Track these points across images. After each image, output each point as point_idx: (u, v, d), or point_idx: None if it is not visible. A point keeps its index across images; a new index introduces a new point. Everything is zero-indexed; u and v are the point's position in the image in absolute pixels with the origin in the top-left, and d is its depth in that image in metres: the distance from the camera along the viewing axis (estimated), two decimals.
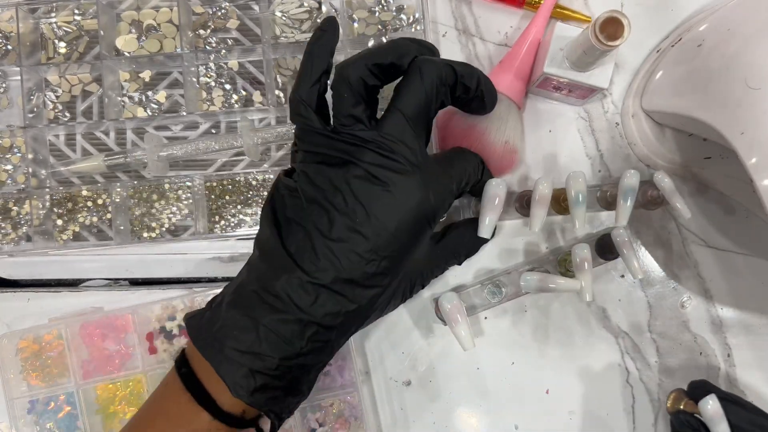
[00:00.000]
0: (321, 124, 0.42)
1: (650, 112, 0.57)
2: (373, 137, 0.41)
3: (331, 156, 0.42)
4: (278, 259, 0.41)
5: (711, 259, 0.60)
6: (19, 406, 0.57)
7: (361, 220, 0.40)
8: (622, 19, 0.48)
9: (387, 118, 0.42)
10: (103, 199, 0.60)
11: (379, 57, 0.42)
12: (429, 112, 0.43)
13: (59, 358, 0.58)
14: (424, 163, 0.43)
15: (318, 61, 0.43)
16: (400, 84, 0.44)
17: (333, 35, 0.44)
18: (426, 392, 0.60)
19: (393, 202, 0.41)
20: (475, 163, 0.49)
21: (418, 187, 0.41)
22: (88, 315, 0.58)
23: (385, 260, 0.41)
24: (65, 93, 0.61)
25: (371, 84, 0.42)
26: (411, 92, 0.42)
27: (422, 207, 0.42)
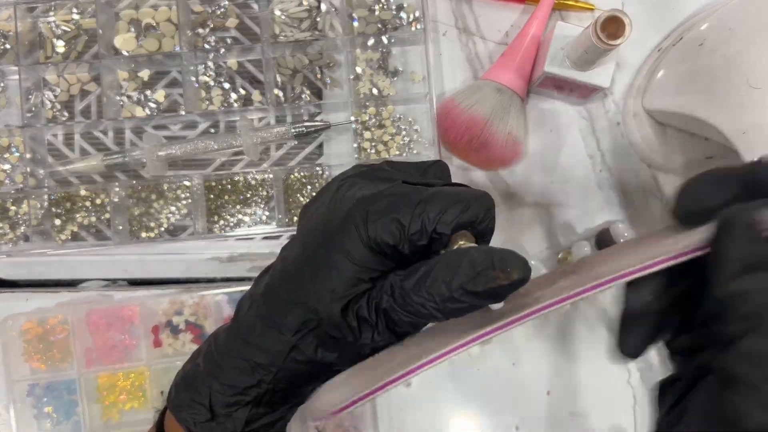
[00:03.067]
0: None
1: (652, 111, 0.57)
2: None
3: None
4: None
5: None
6: (19, 388, 0.57)
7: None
8: (623, 18, 0.47)
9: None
10: (102, 199, 0.60)
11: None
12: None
13: (63, 344, 0.57)
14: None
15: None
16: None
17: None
18: (426, 393, 0.59)
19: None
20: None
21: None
22: (96, 302, 0.58)
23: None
24: (64, 92, 0.61)
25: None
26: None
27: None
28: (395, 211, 0.33)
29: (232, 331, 0.37)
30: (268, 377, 0.35)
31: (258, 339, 0.35)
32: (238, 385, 0.35)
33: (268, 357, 0.35)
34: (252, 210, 0.60)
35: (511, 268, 0.30)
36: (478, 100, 0.55)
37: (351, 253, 0.33)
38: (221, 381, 0.36)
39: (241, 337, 0.36)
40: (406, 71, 0.61)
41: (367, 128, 0.60)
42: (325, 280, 0.33)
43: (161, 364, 0.58)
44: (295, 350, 0.34)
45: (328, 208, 0.35)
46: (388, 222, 0.33)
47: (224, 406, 0.35)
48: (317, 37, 0.60)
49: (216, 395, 0.36)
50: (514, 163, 0.59)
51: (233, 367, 0.36)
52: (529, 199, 0.60)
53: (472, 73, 0.61)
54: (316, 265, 0.34)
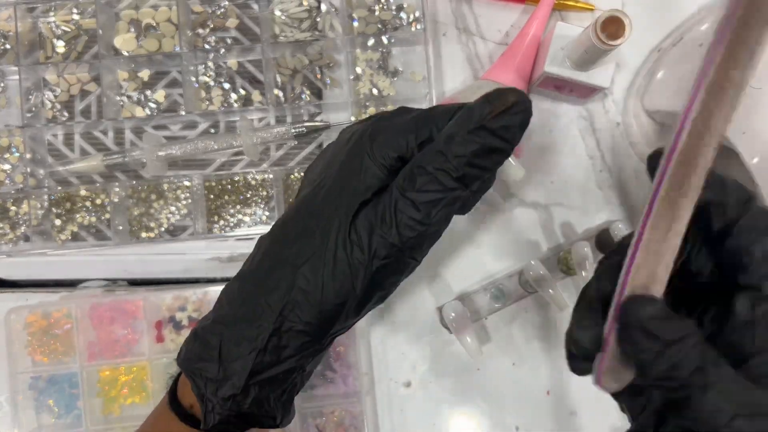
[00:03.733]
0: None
1: (652, 111, 0.57)
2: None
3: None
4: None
5: None
6: (22, 380, 0.57)
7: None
8: (623, 18, 0.47)
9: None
10: (102, 199, 0.60)
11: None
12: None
13: (66, 337, 0.58)
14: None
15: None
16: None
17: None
18: (426, 393, 0.59)
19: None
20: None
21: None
22: (100, 296, 0.58)
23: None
24: (64, 92, 0.61)
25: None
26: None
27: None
28: (405, 120, 0.33)
29: (241, 277, 0.36)
30: (273, 315, 0.33)
31: (265, 278, 0.34)
32: (247, 330, 0.34)
33: (276, 294, 0.33)
34: (252, 210, 0.60)
35: (507, 96, 0.31)
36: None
37: (364, 174, 0.33)
38: (232, 329, 0.34)
39: (251, 282, 0.35)
40: (406, 71, 0.61)
41: None
42: (334, 203, 0.33)
43: (164, 359, 0.58)
44: (299, 279, 0.33)
45: (334, 151, 0.36)
46: (397, 132, 0.33)
47: (233, 354, 0.34)
48: (317, 37, 0.60)
49: (226, 345, 0.34)
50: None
51: (243, 311, 0.34)
52: (529, 199, 0.60)
53: (472, 73, 0.61)
54: (326, 194, 0.34)
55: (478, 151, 0.31)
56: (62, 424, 0.58)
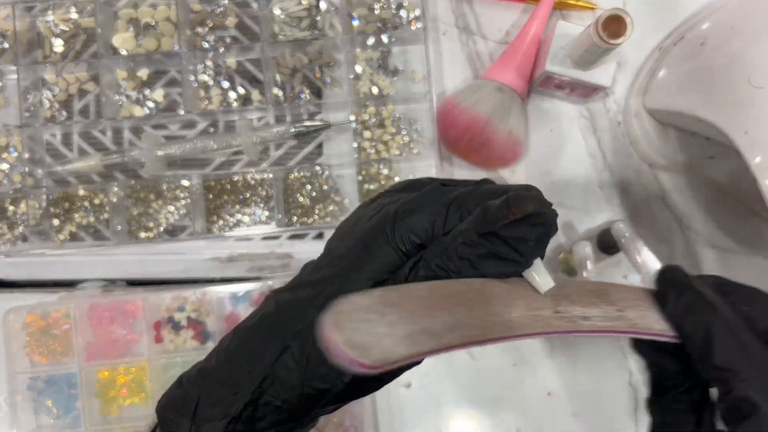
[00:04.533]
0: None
1: (653, 110, 0.57)
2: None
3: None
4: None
5: (714, 260, 0.59)
6: (20, 381, 0.57)
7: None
8: (624, 17, 0.47)
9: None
10: (101, 199, 0.60)
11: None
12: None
13: (65, 337, 0.57)
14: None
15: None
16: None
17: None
18: (426, 394, 0.59)
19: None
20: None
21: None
22: (98, 297, 0.58)
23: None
24: (62, 92, 0.61)
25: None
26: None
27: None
28: (430, 204, 0.30)
29: (237, 334, 0.34)
30: (252, 385, 0.32)
31: (256, 343, 0.33)
32: (224, 392, 0.32)
33: (260, 364, 0.32)
34: (251, 210, 0.60)
35: (526, 203, 0.27)
36: (479, 99, 0.55)
37: (378, 256, 0.30)
38: (210, 387, 0.33)
39: (241, 341, 0.34)
40: (406, 70, 0.61)
41: (367, 128, 0.59)
42: (338, 279, 0.31)
43: (162, 360, 0.58)
44: (286, 353, 0.31)
45: (360, 219, 0.33)
46: (420, 217, 0.30)
47: (206, 416, 0.32)
48: (317, 36, 0.60)
49: (202, 404, 0.33)
50: (515, 162, 0.59)
51: (225, 371, 0.33)
52: None
53: (472, 73, 0.60)
54: (337, 270, 0.31)
55: (485, 257, 0.28)
56: (61, 424, 0.58)
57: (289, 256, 0.61)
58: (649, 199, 0.59)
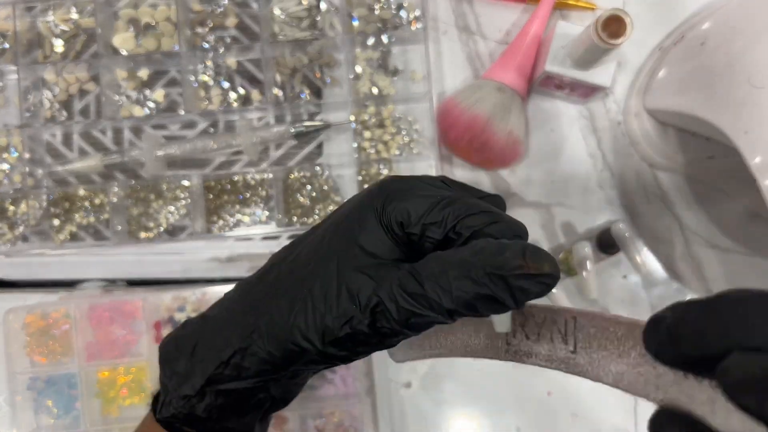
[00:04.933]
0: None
1: (653, 110, 0.57)
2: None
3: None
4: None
5: (714, 260, 0.59)
6: (20, 381, 0.57)
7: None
8: (624, 17, 0.47)
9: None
10: (101, 199, 0.60)
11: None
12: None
13: (65, 337, 0.57)
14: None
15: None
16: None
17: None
18: (426, 394, 0.59)
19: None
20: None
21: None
22: (98, 297, 0.58)
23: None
24: (62, 92, 0.61)
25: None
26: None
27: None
28: (419, 193, 0.31)
29: (238, 288, 0.37)
30: (242, 335, 0.34)
31: (251, 296, 0.35)
32: (218, 339, 0.35)
33: (251, 316, 0.34)
34: (251, 210, 0.60)
35: (543, 261, 0.27)
36: (479, 99, 0.55)
37: (367, 229, 0.32)
38: (207, 333, 0.35)
39: (240, 295, 0.36)
40: (406, 70, 0.61)
41: (367, 128, 0.59)
42: (326, 261, 0.32)
43: None
44: (275, 307, 0.33)
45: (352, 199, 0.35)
46: (406, 201, 0.31)
47: (200, 357, 0.35)
48: (317, 36, 0.60)
49: (200, 345, 0.35)
50: (515, 162, 0.59)
51: (223, 316, 0.36)
52: (530, 199, 0.60)
53: (472, 73, 0.60)
54: (330, 235, 0.33)
55: (483, 297, 0.28)
56: (61, 424, 0.58)
57: None
58: (649, 199, 0.59)
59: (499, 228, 0.30)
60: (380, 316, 0.31)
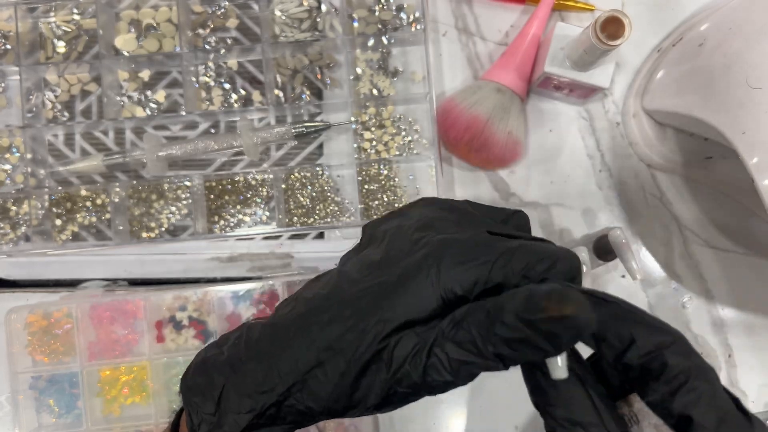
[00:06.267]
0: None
1: (651, 111, 0.57)
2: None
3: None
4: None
5: (712, 260, 0.60)
6: (22, 380, 0.58)
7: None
8: (623, 18, 0.47)
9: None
10: (102, 199, 0.60)
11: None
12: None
13: (66, 337, 0.58)
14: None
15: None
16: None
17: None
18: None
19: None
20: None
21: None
22: (100, 296, 0.58)
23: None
24: (64, 92, 0.61)
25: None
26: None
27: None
28: (477, 258, 0.30)
29: (266, 329, 0.35)
30: (281, 388, 0.32)
31: (287, 344, 0.33)
32: (253, 388, 0.33)
33: (292, 368, 0.32)
34: (252, 210, 0.60)
35: (566, 302, 0.27)
36: (478, 100, 0.55)
37: (417, 295, 0.30)
38: (239, 378, 0.33)
39: (272, 339, 0.34)
40: (406, 71, 0.61)
41: (368, 128, 0.60)
42: (378, 307, 0.31)
43: (164, 359, 0.58)
44: (319, 368, 0.32)
45: (401, 237, 0.33)
46: (467, 269, 0.30)
47: (232, 405, 0.33)
48: (317, 37, 0.60)
49: (228, 392, 0.33)
50: (514, 163, 0.59)
51: (255, 367, 0.33)
52: (529, 199, 0.60)
53: (472, 73, 0.61)
54: (374, 294, 0.31)
55: (519, 341, 0.28)
56: (62, 423, 0.58)
57: (289, 256, 0.61)
58: (648, 199, 0.60)
59: (562, 268, 0.30)
60: (431, 370, 0.30)
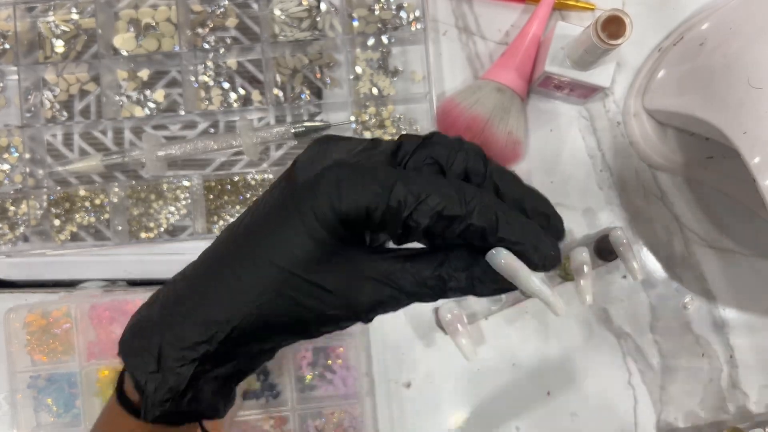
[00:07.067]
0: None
1: (652, 111, 0.57)
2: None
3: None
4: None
5: (713, 260, 0.59)
6: (21, 379, 0.57)
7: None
8: (623, 17, 0.47)
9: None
10: (101, 199, 0.60)
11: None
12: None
13: (65, 336, 0.57)
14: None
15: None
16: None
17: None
18: (426, 394, 0.59)
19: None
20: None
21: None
22: (99, 296, 0.58)
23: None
24: (63, 92, 0.61)
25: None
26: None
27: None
28: (369, 179, 0.29)
29: (192, 278, 0.37)
30: (221, 335, 0.33)
31: (217, 291, 0.34)
32: (188, 339, 0.34)
33: (225, 313, 0.33)
34: None
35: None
36: (479, 99, 0.55)
37: (311, 222, 0.30)
38: (172, 332, 0.34)
39: (199, 287, 0.35)
40: (406, 71, 0.61)
41: (367, 128, 0.60)
42: (291, 242, 0.31)
43: None
44: (259, 307, 0.32)
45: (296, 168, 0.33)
46: (361, 189, 0.29)
47: (173, 360, 0.34)
48: (317, 36, 0.60)
49: (166, 347, 0.34)
50: (515, 162, 0.59)
51: (186, 319, 0.34)
52: None
53: (472, 73, 0.61)
54: (279, 221, 0.32)
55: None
56: (61, 423, 0.58)
57: None
58: (648, 199, 0.60)
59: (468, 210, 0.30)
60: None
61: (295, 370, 0.58)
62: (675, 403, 0.59)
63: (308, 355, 0.58)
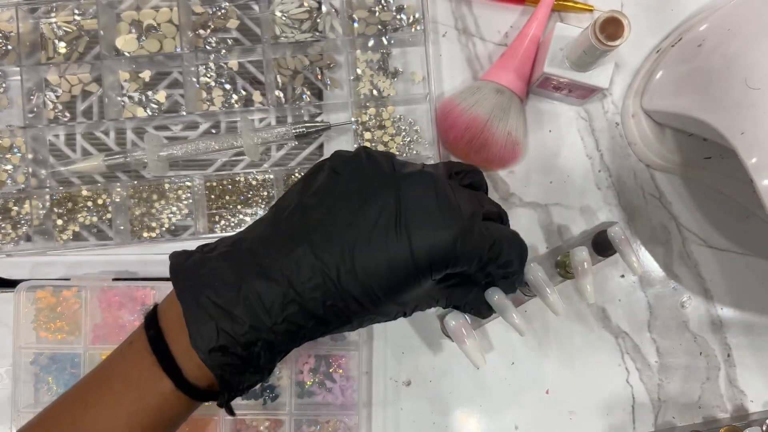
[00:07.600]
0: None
1: (650, 112, 0.57)
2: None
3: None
4: (292, 229, 0.38)
5: (711, 259, 0.60)
6: (24, 354, 0.58)
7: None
8: (622, 19, 0.48)
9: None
10: (103, 199, 0.60)
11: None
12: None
13: (73, 317, 0.58)
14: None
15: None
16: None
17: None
18: (425, 392, 0.60)
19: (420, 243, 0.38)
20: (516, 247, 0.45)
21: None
22: (111, 282, 0.58)
23: (386, 297, 0.39)
24: (65, 93, 0.61)
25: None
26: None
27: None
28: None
29: (272, 231, 0.39)
30: (293, 296, 0.37)
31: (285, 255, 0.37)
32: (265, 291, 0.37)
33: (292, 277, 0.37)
34: (253, 210, 0.60)
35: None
36: (478, 100, 0.56)
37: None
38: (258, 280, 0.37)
39: (272, 244, 0.38)
40: (406, 72, 0.61)
41: (368, 129, 0.60)
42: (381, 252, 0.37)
43: None
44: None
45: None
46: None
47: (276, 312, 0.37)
48: (318, 38, 0.60)
49: (259, 287, 0.37)
50: (514, 163, 0.59)
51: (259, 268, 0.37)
52: (528, 199, 0.60)
53: (471, 74, 0.61)
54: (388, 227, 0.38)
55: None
56: None
57: None
58: (646, 199, 0.60)
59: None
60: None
61: (296, 374, 0.58)
62: (673, 401, 0.59)
63: (311, 361, 0.58)
